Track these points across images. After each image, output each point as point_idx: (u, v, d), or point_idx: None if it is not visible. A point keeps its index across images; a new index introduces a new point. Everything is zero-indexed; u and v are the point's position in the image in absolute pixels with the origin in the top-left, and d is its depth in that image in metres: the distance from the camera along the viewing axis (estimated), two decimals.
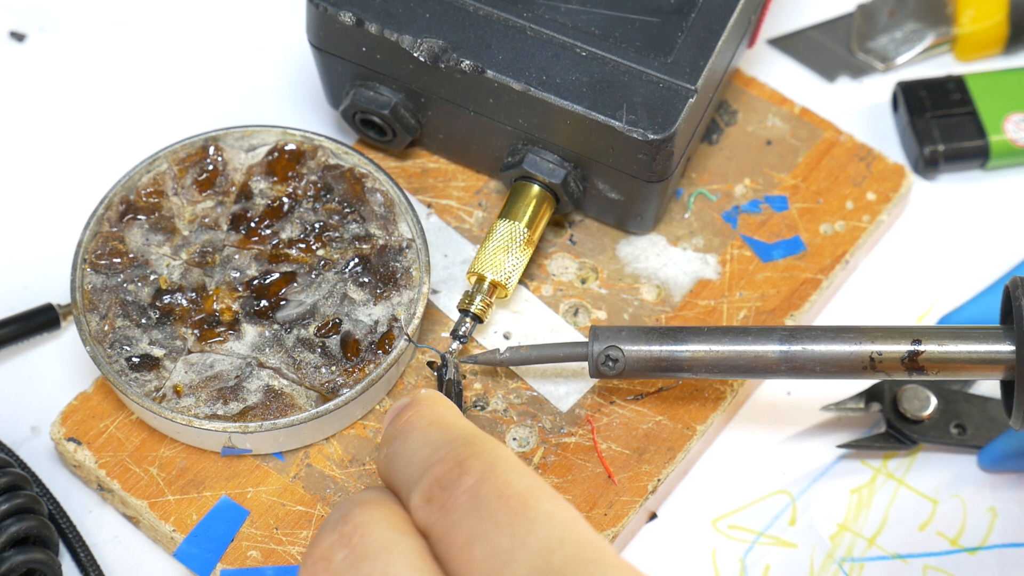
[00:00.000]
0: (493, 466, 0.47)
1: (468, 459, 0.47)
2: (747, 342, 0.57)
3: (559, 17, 0.62)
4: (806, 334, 0.56)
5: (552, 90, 0.60)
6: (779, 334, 0.57)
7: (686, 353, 0.57)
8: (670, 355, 0.57)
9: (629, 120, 0.59)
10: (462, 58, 0.61)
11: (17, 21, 0.73)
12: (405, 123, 0.64)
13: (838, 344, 0.56)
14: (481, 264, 0.61)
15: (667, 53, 0.61)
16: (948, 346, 0.56)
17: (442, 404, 0.51)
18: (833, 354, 0.56)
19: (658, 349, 0.57)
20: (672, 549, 0.61)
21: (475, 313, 0.61)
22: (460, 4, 0.62)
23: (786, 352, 0.56)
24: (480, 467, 0.47)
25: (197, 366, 0.60)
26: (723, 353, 0.57)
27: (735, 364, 0.57)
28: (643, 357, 0.57)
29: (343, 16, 0.61)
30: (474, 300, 0.61)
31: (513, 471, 0.46)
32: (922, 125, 0.69)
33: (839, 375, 0.56)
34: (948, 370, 0.56)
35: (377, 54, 0.62)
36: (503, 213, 0.62)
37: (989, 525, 0.62)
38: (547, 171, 0.62)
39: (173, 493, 0.60)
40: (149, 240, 0.62)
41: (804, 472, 0.63)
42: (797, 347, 0.56)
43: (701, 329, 0.57)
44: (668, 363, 0.57)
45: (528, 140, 0.62)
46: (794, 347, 0.56)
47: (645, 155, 0.60)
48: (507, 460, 0.47)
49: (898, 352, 0.56)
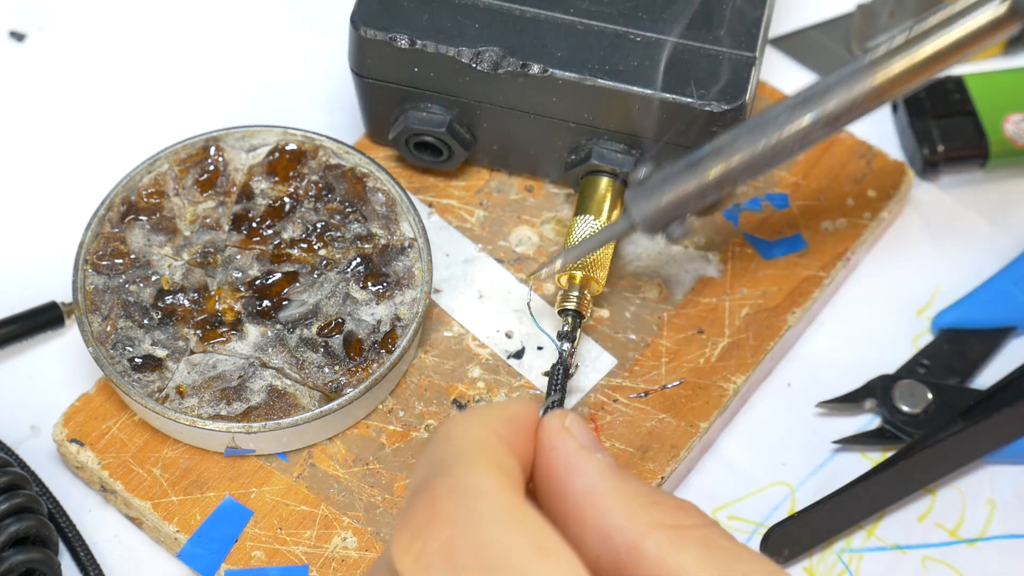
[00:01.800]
0: (468, 513, 0.40)
1: (441, 498, 0.41)
2: (772, 128, 0.55)
3: (604, 8, 0.62)
4: (821, 91, 0.55)
5: (618, 78, 0.61)
6: (791, 102, 0.55)
7: (714, 174, 0.56)
8: (700, 186, 0.56)
9: (700, 95, 0.60)
10: (524, 61, 0.61)
11: (17, 21, 0.73)
12: (461, 139, 0.64)
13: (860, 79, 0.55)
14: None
15: (718, 26, 0.62)
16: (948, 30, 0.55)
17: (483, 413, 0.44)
18: (858, 91, 0.55)
19: (687, 187, 0.56)
20: None
21: (576, 310, 0.60)
22: (506, 9, 0.62)
23: (816, 117, 0.55)
24: (454, 511, 0.40)
25: (200, 366, 0.60)
26: (755, 152, 0.56)
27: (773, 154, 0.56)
28: (678, 200, 0.56)
29: (397, 40, 0.61)
30: (569, 297, 0.61)
31: (490, 521, 0.40)
32: (922, 126, 0.69)
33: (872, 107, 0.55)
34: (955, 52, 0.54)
35: (431, 72, 0.62)
36: (578, 210, 0.63)
37: (988, 516, 0.62)
38: (617, 161, 0.63)
39: (176, 494, 0.60)
40: (151, 241, 0.62)
41: (803, 464, 0.63)
42: (822, 106, 0.55)
43: (717, 144, 0.56)
44: (705, 190, 0.56)
45: (592, 134, 0.63)
46: (822, 106, 0.55)
47: (720, 127, 0.60)
48: (488, 501, 0.40)
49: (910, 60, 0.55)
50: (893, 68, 0.55)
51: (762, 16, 0.62)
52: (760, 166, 0.56)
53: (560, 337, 0.60)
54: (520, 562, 0.40)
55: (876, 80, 0.55)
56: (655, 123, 0.61)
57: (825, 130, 0.56)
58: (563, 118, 0.63)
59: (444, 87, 0.63)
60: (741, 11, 0.62)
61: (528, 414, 0.44)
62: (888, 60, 0.55)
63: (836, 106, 0.55)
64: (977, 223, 0.69)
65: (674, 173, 0.56)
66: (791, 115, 0.55)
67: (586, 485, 0.43)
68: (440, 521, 0.40)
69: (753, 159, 0.56)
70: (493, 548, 0.40)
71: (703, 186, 0.56)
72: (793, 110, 0.55)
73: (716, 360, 0.63)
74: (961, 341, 0.65)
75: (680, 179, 0.56)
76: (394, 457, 0.60)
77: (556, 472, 0.44)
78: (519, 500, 0.41)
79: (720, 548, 0.42)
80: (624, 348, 0.63)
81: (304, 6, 0.74)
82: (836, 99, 0.55)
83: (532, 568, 0.40)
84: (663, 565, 0.42)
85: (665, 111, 0.61)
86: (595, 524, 0.43)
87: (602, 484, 0.43)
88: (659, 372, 0.63)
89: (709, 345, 0.63)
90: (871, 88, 0.55)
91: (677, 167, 0.56)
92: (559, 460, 0.44)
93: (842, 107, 0.55)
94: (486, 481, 0.41)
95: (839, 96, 0.55)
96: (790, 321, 0.64)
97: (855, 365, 0.65)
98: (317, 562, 0.58)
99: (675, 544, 0.42)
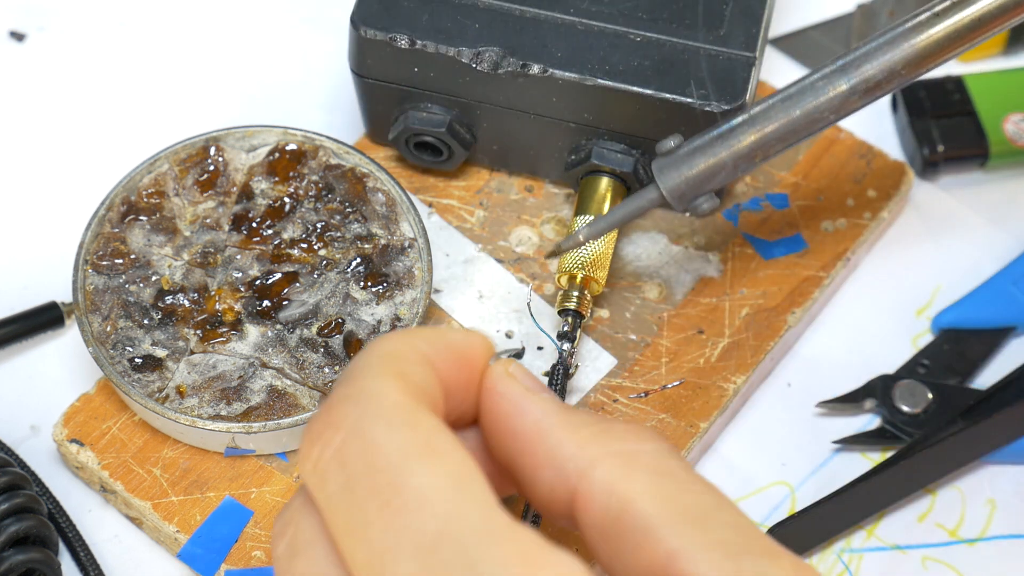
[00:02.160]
0: (360, 417, 0.40)
1: (336, 404, 0.41)
2: (809, 95, 0.54)
3: (604, 8, 0.62)
4: (859, 57, 0.54)
5: (619, 78, 0.61)
6: (829, 69, 0.54)
7: (748, 143, 0.55)
8: (733, 156, 0.55)
9: (700, 95, 0.60)
10: (524, 61, 0.61)
11: (17, 21, 0.73)
12: (461, 139, 0.64)
13: (899, 44, 0.54)
14: (570, 262, 0.61)
15: (718, 26, 0.62)
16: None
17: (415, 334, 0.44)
18: (899, 56, 0.54)
19: (719, 156, 0.55)
20: None
21: (576, 310, 0.60)
22: (506, 9, 0.62)
23: (853, 85, 0.54)
24: (346, 416, 0.40)
25: (200, 367, 0.60)
26: (790, 120, 0.55)
27: (809, 122, 0.55)
28: (709, 171, 0.55)
29: (397, 40, 0.61)
30: (569, 297, 0.61)
31: (381, 423, 0.40)
32: (922, 126, 0.69)
33: (918, 71, 0.54)
34: (1004, 15, 0.53)
35: (431, 72, 0.62)
36: (578, 210, 0.63)
37: (988, 516, 0.62)
38: (616, 161, 0.63)
39: (177, 494, 0.60)
40: (151, 241, 0.62)
41: (803, 464, 0.63)
42: (860, 73, 0.54)
43: (751, 114, 0.55)
44: (738, 160, 0.55)
45: (592, 134, 0.63)
46: (858, 73, 0.54)
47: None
48: (378, 405, 0.40)
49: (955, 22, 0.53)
50: (935, 33, 0.53)
51: (762, 16, 0.62)
52: (796, 135, 0.55)
53: (560, 337, 0.60)
54: (403, 462, 0.39)
55: (918, 46, 0.53)
56: (655, 123, 0.61)
57: (864, 99, 0.54)
58: (563, 118, 0.63)
59: (444, 87, 0.63)
60: (741, 11, 0.62)
61: (472, 347, 0.44)
62: (931, 24, 0.53)
63: (875, 73, 0.54)
64: (977, 223, 0.69)
65: (704, 143, 0.55)
66: (828, 82, 0.54)
67: (535, 422, 0.43)
68: (333, 427, 0.40)
69: (788, 128, 0.54)
70: (380, 450, 0.39)
71: (736, 156, 0.55)
72: (830, 78, 0.54)
73: (716, 360, 0.63)
74: (961, 341, 0.65)
75: (711, 149, 0.55)
76: None
77: (504, 414, 0.44)
78: (413, 404, 0.41)
79: (671, 474, 0.42)
80: (624, 348, 0.63)
81: (304, 6, 0.74)
82: (876, 66, 0.54)
83: (415, 468, 0.39)
84: (613, 492, 0.41)
85: (665, 111, 0.61)
86: (547, 458, 0.43)
87: (550, 419, 0.43)
88: (659, 372, 0.63)
89: (709, 345, 0.63)
90: (914, 53, 0.54)
91: (707, 137, 0.55)
92: (506, 403, 0.44)
93: (882, 74, 0.54)
94: (383, 386, 0.41)
95: (879, 62, 0.54)
96: (790, 321, 0.64)
97: (855, 365, 0.65)
98: None
99: (626, 470, 0.42)
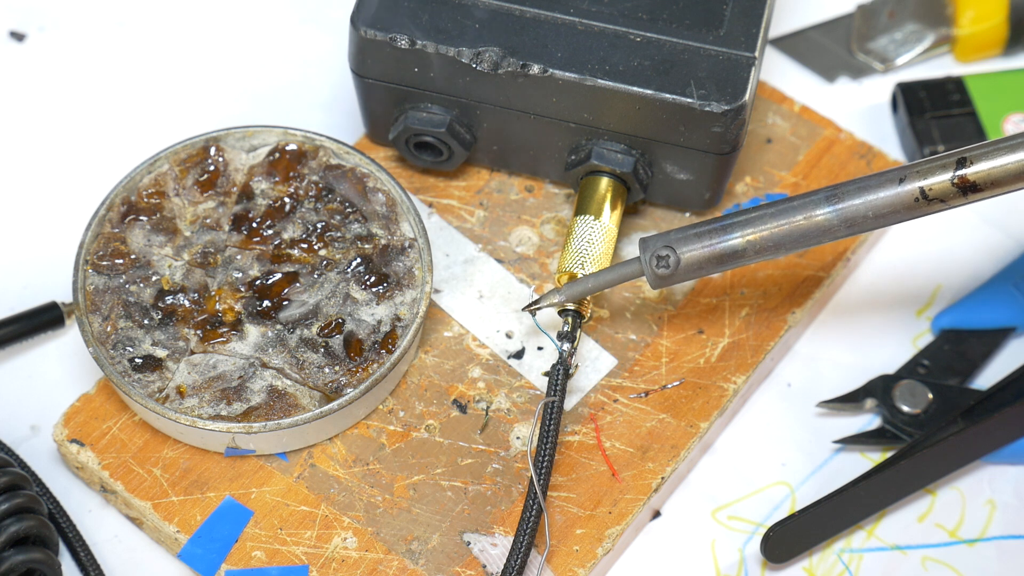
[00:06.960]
0: None
1: None
2: (794, 212, 0.57)
3: (604, 8, 0.62)
4: (849, 188, 0.56)
5: (619, 79, 0.61)
6: (823, 195, 0.56)
7: (739, 239, 0.57)
8: (723, 244, 0.57)
9: (700, 95, 0.60)
10: (524, 61, 0.61)
11: (17, 21, 0.73)
12: (461, 139, 0.64)
13: (884, 189, 0.56)
14: (570, 262, 0.61)
15: (718, 26, 0.62)
16: (996, 159, 0.55)
17: None
18: (883, 199, 0.56)
19: (709, 242, 0.57)
20: (671, 540, 0.62)
21: (576, 310, 0.60)
22: (506, 10, 0.62)
23: (836, 210, 0.56)
24: None
25: (200, 367, 0.60)
26: (776, 228, 0.57)
27: (790, 236, 0.57)
28: (696, 253, 0.57)
29: (397, 40, 0.61)
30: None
31: None
32: (922, 126, 0.69)
33: (895, 218, 0.56)
34: (1001, 182, 0.55)
35: (431, 72, 0.62)
36: (578, 210, 0.63)
37: (988, 517, 0.62)
38: (616, 161, 0.63)
39: (177, 494, 0.60)
40: (151, 241, 0.62)
41: (803, 464, 0.63)
42: (845, 203, 0.56)
43: (746, 212, 0.57)
44: (723, 253, 0.57)
45: (592, 134, 0.63)
46: (842, 204, 0.56)
47: (720, 127, 0.60)
48: None
49: (945, 177, 0.55)
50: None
51: (762, 16, 0.62)
52: (784, 247, 0.57)
53: (560, 337, 0.60)
54: None
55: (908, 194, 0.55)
56: (655, 123, 0.61)
57: (849, 231, 0.56)
58: (563, 118, 0.63)
59: (444, 87, 0.63)
60: (741, 11, 0.62)
61: None
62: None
63: (858, 210, 0.56)
64: (977, 223, 0.69)
65: (696, 233, 0.57)
66: (812, 208, 0.56)
67: None
68: None
69: (778, 239, 0.57)
70: None
71: (723, 249, 0.57)
72: (818, 204, 0.56)
73: (716, 360, 0.63)
74: (961, 341, 0.65)
75: (700, 241, 0.57)
76: (394, 457, 0.60)
77: None
78: None
79: None
80: (624, 348, 0.63)
81: (304, 6, 0.74)
82: (862, 202, 0.56)
83: None
84: None
85: (665, 111, 0.61)
86: None
87: None
88: (659, 372, 0.63)
89: (709, 345, 0.63)
90: (904, 199, 0.55)
91: (700, 227, 0.57)
92: None
93: (865, 213, 0.56)
94: None
95: (866, 200, 0.56)
96: (790, 321, 0.64)
97: (855, 365, 0.65)
98: (317, 562, 0.58)
99: None
